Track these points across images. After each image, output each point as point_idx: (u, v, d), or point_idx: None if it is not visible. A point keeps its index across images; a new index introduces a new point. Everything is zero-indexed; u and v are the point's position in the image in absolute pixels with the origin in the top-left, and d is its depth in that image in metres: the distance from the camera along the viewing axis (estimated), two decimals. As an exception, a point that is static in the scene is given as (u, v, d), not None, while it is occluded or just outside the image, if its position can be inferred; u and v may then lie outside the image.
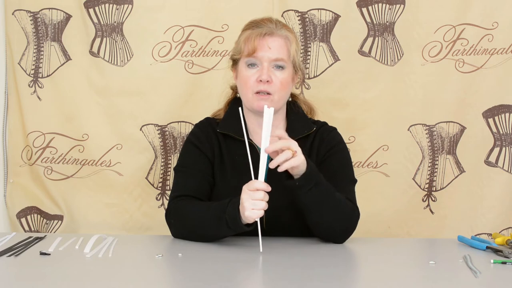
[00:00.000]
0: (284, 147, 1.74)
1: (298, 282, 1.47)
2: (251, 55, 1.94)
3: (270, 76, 1.94)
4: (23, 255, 1.69)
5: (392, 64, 2.50)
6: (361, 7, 2.48)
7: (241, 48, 1.98)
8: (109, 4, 2.46)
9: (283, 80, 1.95)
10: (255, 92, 1.95)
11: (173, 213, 1.95)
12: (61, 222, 2.51)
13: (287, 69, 1.97)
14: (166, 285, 1.53)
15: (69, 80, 2.50)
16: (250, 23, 2.02)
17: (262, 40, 1.94)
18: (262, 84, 1.94)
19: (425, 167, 2.52)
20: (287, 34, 1.98)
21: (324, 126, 2.08)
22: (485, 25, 2.47)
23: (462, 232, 2.11)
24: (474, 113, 2.50)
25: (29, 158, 2.51)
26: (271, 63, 1.95)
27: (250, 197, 1.72)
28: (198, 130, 2.07)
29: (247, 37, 1.96)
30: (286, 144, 1.75)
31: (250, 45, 1.94)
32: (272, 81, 1.94)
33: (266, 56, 1.94)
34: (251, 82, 1.95)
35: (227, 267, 1.63)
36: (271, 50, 1.94)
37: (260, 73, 1.94)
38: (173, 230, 1.96)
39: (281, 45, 1.96)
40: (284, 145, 1.75)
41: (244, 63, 1.97)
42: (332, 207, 1.85)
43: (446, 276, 1.57)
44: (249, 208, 1.72)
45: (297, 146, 1.76)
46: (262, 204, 1.72)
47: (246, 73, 1.96)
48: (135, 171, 2.51)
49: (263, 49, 1.94)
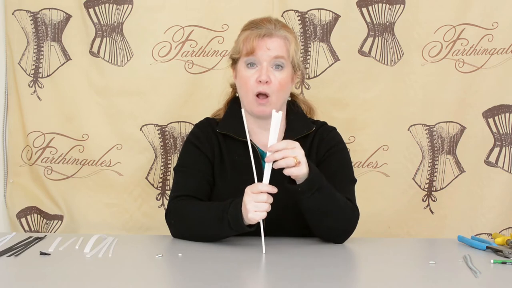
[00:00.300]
0: (288, 148, 1.74)
1: (298, 282, 1.47)
2: (250, 55, 1.94)
3: (269, 76, 1.94)
4: (23, 255, 1.69)
5: (392, 64, 2.50)
6: (361, 7, 2.48)
7: (240, 48, 1.98)
8: (109, 4, 2.46)
9: (282, 80, 1.95)
10: (255, 93, 1.95)
11: (173, 213, 1.95)
12: (61, 222, 2.51)
13: (286, 69, 1.97)
14: (166, 285, 1.53)
15: (69, 80, 2.50)
16: (249, 23, 2.02)
17: (260, 41, 1.94)
18: (262, 85, 1.93)
19: (425, 167, 2.52)
20: (286, 34, 1.97)
21: (324, 126, 2.08)
22: (485, 25, 2.47)
23: (462, 232, 2.11)
24: (474, 113, 2.50)
25: (29, 158, 2.51)
26: (271, 62, 1.94)
27: (253, 199, 1.73)
28: (198, 130, 2.07)
29: (246, 38, 1.96)
30: (290, 146, 1.75)
31: (248, 46, 1.94)
32: (271, 82, 1.94)
33: (265, 55, 1.93)
34: (250, 82, 1.95)
35: (227, 267, 1.63)
36: (269, 50, 1.94)
37: (259, 73, 1.94)
38: (173, 230, 1.96)
39: (280, 45, 1.95)
40: (288, 145, 1.74)
41: (243, 63, 1.97)
42: (334, 209, 1.85)
43: (446, 276, 1.57)
44: (252, 210, 1.72)
45: (303, 156, 1.76)
46: (265, 206, 1.72)
47: (245, 73, 1.96)
48: (135, 171, 2.51)
49: (262, 49, 1.93)
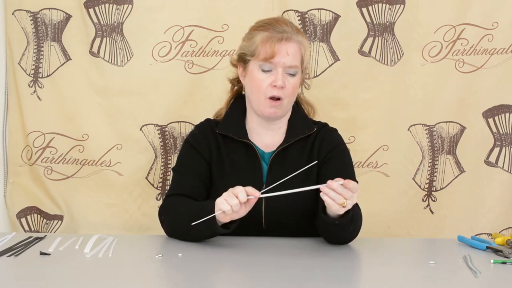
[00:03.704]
0: (348, 193, 1.71)
1: (298, 282, 1.48)
2: (268, 60, 1.92)
3: (284, 81, 1.93)
4: (23, 255, 1.69)
5: (392, 64, 2.50)
6: (361, 7, 2.48)
7: (256, 49, 1.94)
8: (109, 4, 2.46)
9: (294, 85, 1.96)
10: (268, 97, 1.94)
11: (162, 210, 1.97)
12: (61, 222, 2.51)
13: (298, 75, 1.97)
14: (166, 285, 1.53)
15: (69, 80, 2.50)
16: (265, 24, 1.98)
17: (281, 45, 1.92)
18: (276, 90, 1.93)
19: (425, 167, 2.52)
20: (302, 40, 1.97)
21: (325, 127, 2.08)
22: (485, 25, 2.47)
23: (462, 232, 2.10)
24: (474, 113, 2.50)
25: (29, 158, 2.51)
26: (285, 69, 1.94)
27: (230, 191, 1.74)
28: (196, 132, 2.07)
29: (265, 40, 1.93)
30: (350, 193, 1.72)
31: (269, 49, 1.92)
32: (285, 87, 1.94)
33: (282, 61, 1.92)
34: (264, 86, 1.94)
35: (227, 267, 1.63)
36: (288, 56, 1.92)
37: (274, 77, 1.93)
38: (164, 227, 1.97)
39: (297, 51, 1.94)
40: (348, 193, 1.71)
41: (257, 66, 1.95)
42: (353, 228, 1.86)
43: (446, 276, 1.57)
44: (222, 198, 1.73)
45: (351, 204, 1.73)
46: (235, 200, 1.71)
47: (260, 76, 1.95)
48: (135, 171, 2.51)
49: (281, 54, 1.92)
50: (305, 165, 1.98)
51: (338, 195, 1.71)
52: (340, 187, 1.70)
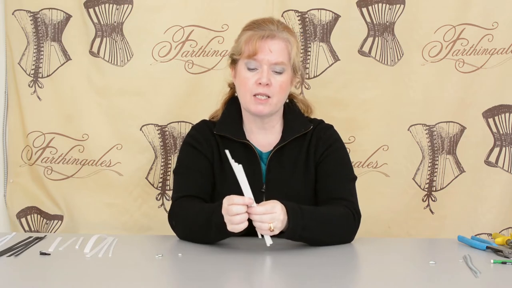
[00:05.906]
0: (267, 213, 1.69)
1: (298, 282, 1.48)
2: (252, 57, 1.93)
3: (270, 79, 1.93)
4: (23, 255, 1.70)
5: (392, 64, 2.50)
6: (361, 7, 2.48)
7: (241, 48, 1.97)
8: (109, 4, 2.46)
9: (282, 83, 1.95)
10: (253, 94, 1.95)
11: (174, 215, 1.95)
12: (61, 222, 2.51)
13: (286, 72, 1.96)
14: (166, 285, 1.53)
15: (69, 80, 2.50)
16: (251, 23, 2.01)
17: (263, 42, 1.93)
18: (262, 87, 1.93)
19: (425, 167, 2.52)
20: (288, 37, 1.97)
21: (321, 124, 2.08)
22: (485, 25, 2.47)
23: (462, 232, 2.10)
24: (474, 113, 2.50)
25: (29, 158, 2.51)
26: (271, 66, 1.94)
27: (227, 213, 1.70)
28: (195, 132, 2.07)
29: (248, 39, 1.95)
30: (269, 211, 1.70)
31: (251, 47, 1.93)
32: (271, 84, 1.93)
33: (266, 59, 1.92)
34: (250, 84, 1.94)
35: (227, 267, 1.63)
36: (272, 53, 1.93)
37: (259, 75, 1.93)
38: (176, 232, 1.96)
39: (282, 48, 1.95)
40: (267, 211, 1.70)
41: (243, 65, 1.96)
42: (329, 231, 1.85)
43: (446, 276, 1.57)
44: (229, 224, 1.70)
45: (279, 221, 1.71)
46: (238, 218, 1.68)
47: (245, 75, 1.96)
48: (135, 171, 2.51)
49: (263, 51, 1.93)
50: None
51: (260, 222, 1.69)
52: (258, 216, 1.68)
